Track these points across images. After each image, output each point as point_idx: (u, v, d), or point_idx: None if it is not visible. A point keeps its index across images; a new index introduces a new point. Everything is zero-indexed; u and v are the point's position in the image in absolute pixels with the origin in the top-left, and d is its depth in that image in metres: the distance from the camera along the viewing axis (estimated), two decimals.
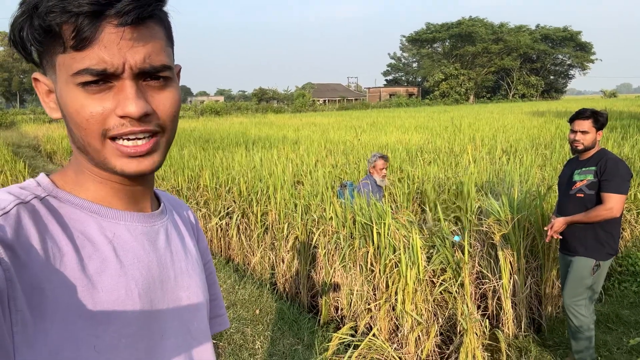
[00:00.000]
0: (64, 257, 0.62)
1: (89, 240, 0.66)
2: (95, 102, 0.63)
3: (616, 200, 2.87)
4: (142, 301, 0.68)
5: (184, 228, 0.85)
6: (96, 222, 0.68)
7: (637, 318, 3.90)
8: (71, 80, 0.62)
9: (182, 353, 0.75)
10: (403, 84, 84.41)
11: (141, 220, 0.73)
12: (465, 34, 68.86)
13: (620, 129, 10.85)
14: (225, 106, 44.14)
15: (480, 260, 3.88)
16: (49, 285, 0.59)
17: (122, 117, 0.63)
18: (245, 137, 12.00)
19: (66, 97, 0.64)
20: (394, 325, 3.55)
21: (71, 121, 0.65)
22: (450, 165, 6.72)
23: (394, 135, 11.74)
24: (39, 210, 0.63)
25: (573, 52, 74.04)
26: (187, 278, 0.78)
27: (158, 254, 0.73)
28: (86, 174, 0.70)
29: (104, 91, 0.63)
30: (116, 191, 0.71)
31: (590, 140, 3.05)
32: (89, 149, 0.66)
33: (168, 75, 0.67)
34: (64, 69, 0.63)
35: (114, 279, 0.65)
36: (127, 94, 0.63)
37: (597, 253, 3.00)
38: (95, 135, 0.64)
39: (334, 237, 4.01)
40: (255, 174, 6.04)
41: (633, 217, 5.41)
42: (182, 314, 0.76)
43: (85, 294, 0.62)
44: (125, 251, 0.69)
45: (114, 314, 0.64)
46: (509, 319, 3.71)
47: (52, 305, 0.59)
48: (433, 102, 60.79)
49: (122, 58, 0.62)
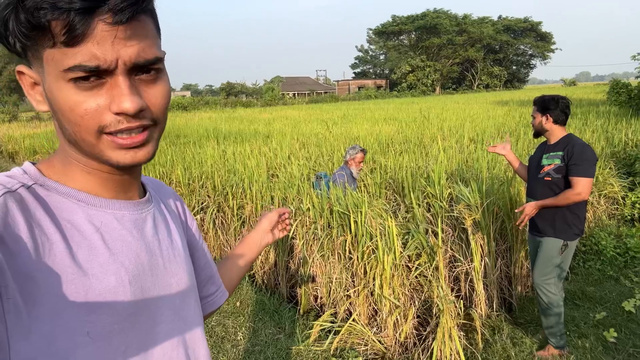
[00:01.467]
0: (53, 245, 0.61)
1: (77, 229, 0.65)
2: (88, 98, 0.62)
3: (584, 184, 3.01)
4: (132, 288, 0.68)
5: (169, 215, 0.85)
6: (83, 211, 0.68)
7: (602, 294, 4.11)
8: (62, 76, 0.61)
9: (175, 338, 0.75)
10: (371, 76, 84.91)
11: (129, 208, 0.73)
12: (430, 26, 69.77)
13: (580, 116, 11.25)
14: (193, 101, 43.44)
15: (452, 245, 4.01)
16: (40, 274, 0.59)
17: (117, 113, 0.63)
18: (216, 132, 11.89)
19: (57, 93, 0.63)
20: (373, 310, 3.64)
21: (63, 117, 0.64)
22: (420, 155, 6.85)
23: (364, 127, 11.85)
24: (26, 199, 0.63)
25: (534, 42, 76.08)
26: (175, 265, 0.78)
27: (146, 241, 0.74)
28: (74, 164, 0.70)
29: (96, 87, 0.62)
30: (104, 181, 0.71)
31: (537, 123, 3.30)
32: (82, 143, 0.66)
33: (160, 67, 0.68)
34: (53, 64, 0.61)
35: (104, 267, 0.65)
36: (121, 90, 0.63)
37: (565, 234, 3.15)
38: (90, 131, 0.64)
39: (311, 228, 4.06)
40: (229, 167, 6.02)
41: (595, 198, 5.67)
42: (173, 300, 0.76)
43: (76, 282, 0.62)
44: (114, 239, 0.69)
45: (105, 301, 0.64)
46: (482, 300, 3.85)
47: (43, 294, 0.59)
48: (401, 94, 61.43)
49: (116, 54, 0.61)
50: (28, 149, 13.11)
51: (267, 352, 3.35)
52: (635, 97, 12.43)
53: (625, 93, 13.03)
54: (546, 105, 3.22)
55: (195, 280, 0.87)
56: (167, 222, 0.83)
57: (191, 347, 0.79)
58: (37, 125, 21.56)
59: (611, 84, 14.09)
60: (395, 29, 73.80)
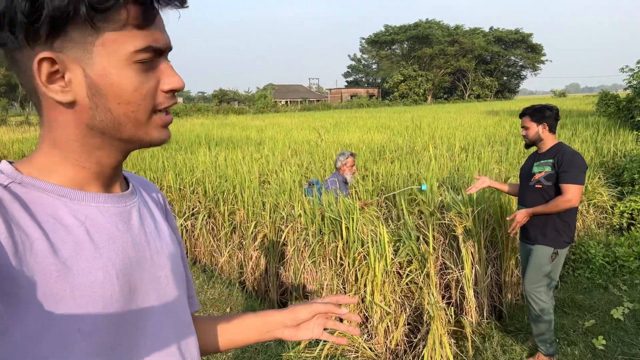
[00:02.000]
0: (33, 243, 0.60)
1: (61, 224, 0.64)
2: (148, 79, 0.67)
3: (574, 191, 3.04)
4: (120, 282, 0.67)
5: (155, 208, 0.85)
6: (66, 206, 0.66)
7: (591, 302, 4.13)
8: (129, 57, 0.64)
9: (165, 331, 0.74)
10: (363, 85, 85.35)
11: (113, 201, 0.72)
12: (423, 36, 70.37)
13: (570, 126, 11.39)
14: (185, 107, 43.33)
15: (443, 252, 4.02)
16: (21, 273, 0.58)
17: (167, 91, 0.69)
18: (208, 138, 11.86)
19: (119, 75, 0.64)
20: (364, 317, 3.63)
21: (117, 99, 0.65)
22: (412, 163, 6.89)
23: (356, 134, 11.89)
24: (2, 198, 0.61)
25: (525, 53, 76.94)
26: (163, 257, 0.77)
27: (132, 234, 0.73)
28: (68, 158, 0.68)
29: (152, 69, 0.68)
30: (95, 175, 0.70)
31: (532, 133, 3.27)
32: (130, 125, 0.68)
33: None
34: (117, 46, 0.63)
35: (90, 262, 0.64)
36: (172, 71, 0.70)
37: (556, 241, 3.17)
38: (147, 110, 0.68)
39: (302, 234, 4.05)
40: (220, 173, 6.01)
41: (584, 208, 5.72)
42: (162, 293, 0.75)
43: (61, 279, 0.61)
44: (99, 233, 0.67)
45: (93, 297, 0.63)
46: (472, 307, 3.86)
47: (26, 294, 0.58)
48: (393, 103, 61.80)
49: (167, 39, 0.69)
50: (17, 153, 12.97)
51: (257, 359, 3.32)
52: (624, 109, 12.60)
53: (614, 104, 13.21)
54: (543, 114, 3.24)
55: (183, 272, 0.86)
56: (153, 214, 0.82)
57: (182, 339, 0.79)
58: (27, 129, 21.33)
59: (600, 95, 14.28)
60: (388, 39, 74.37)
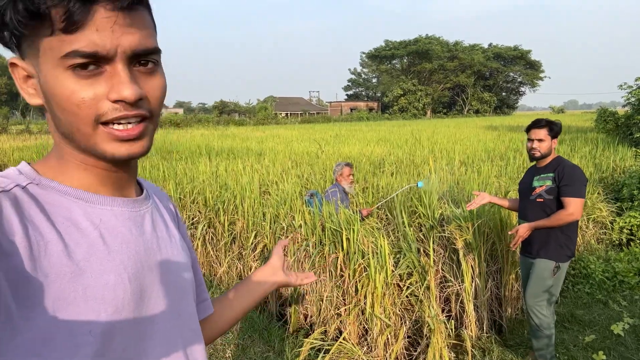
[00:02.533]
0: (48, 245, 0.60)
1: (75, 226, 0.64)
2: (86, 87, 0.62)
3: (576, 204, 3.05)
4: (132, 285, 0.67)
5: (167, 214, 0.85)
6: (81, 208, 0.67)
7: (591, 317, 4.12)
8: (60, 64, 0.61)
9: (173, 336, 0.75)
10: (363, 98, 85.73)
11: (127, 205, 0.73)
12: (422, 52, 70.89)
13: (569, 142, 11.43)
14: (186, 118, 43.47)
15: (443, 265, 4.02)
16: (35, 274, 0.58)
17: (115, 101, 0.63)
18: (208, 148, 11.88)
19: (54, 82, 0.62)
20: (364, 329, 3.61)
21: (57, 107, 0.63)
22: (412, 175, 6.89)
23: (356, 147, 11.92)
24: (20, 199, 0.62)
25: (523, 70, 77.54)
26: (173, 263, 0.78)
27: (145, 238, 0.73)
28: (70, 161, 0.69)
29: (95, 76, 0.62)
30: (101, 178, 0.70)
31: (546, 147, 3.24)
32: (77, 135, 0.65)
33: (157, 60, 0.68)
34: (51, 52, 0.61)
35: (103, 264, 0.64)
36: (121, 78, 0.62)
37: (558, 255, 3.17)
38: (86, 120, 0.63)
39: (303, 245, 4.05)
40: (220, 183, 6.01)
41: (584, 223, 5.72)
42: (172, 298, 0.75)
43: (74, 281, 0.61)
44: (113, 236, 0.68)
45: (105, 299, 0.63)
46: (472, 321, 3.84)
47: (39, 294, 0.58)
48: (392, 117, 62.06)
49: (116, 41, 0.61)
50: (17, 161, 12.97)
51: None
52: (623, 126, 12.67)
53: (613, 121, 13.29)
54: (558, 130, 3.23)
55: (193, 278, 0.86)
56: (165, 221, 0.82)
57: (189, 346, 0.79)
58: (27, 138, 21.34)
59: (599, 112, 14.37)
60: (388, 53, 74.91)
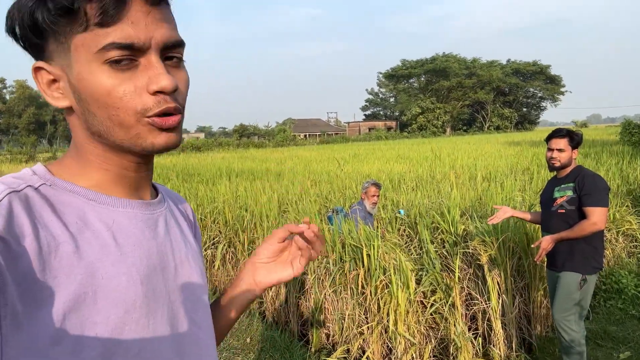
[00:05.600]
0: (59, 246, 0.60)
1: (88, 227, 0.64)
2: (125, 80, 0.63)
3: (599, 213, 2.96)
4: (144, 288, 0.66)
5: (182, 219, 0.85)
6: (94, 209, 0.66)
7: (625, 334, 3.95)
8: (95, 59, 0.61)
9: (186, 340, 0.73)
10: (381, 118, 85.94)
11: (141, 208, 0.72)
12: (440, 69, 71.00)
13: (594, 155, 11.20)
14: (207, 142, 44.15)
15: (468, 282, 3.92)
16: (44, 275, 0.57)
17: (155, 93, 0.63)
18: (229, 170, 12.00)
19: (90, 78, 0.62)
20: (387, 348, 3.52)
21: (96, 103, 0.63)
22: (433, 192, 6.81)
23: (375, 165, 11.89)
24: (32, 199, 0.61)
25: (543, 84, 76.88)
26: (187, 267, 0.77)
27: (158, 241, 0.72)
28: (90, 161, 0.69)
29: (131, 69, 0.63)
30: (119, 178, 0.70)
31: (566, 157, 3.17)
32: (117, 129, 0.65)
33: (181, 55, 0.69)
34: (84, 49, 0.61)
35: (115, 266, 0.64)
36: (158, 69, 0.63)
37: (583, 267, 3.07)
38: (130, 112, 0.63)
39: (323, 262, 4.00)
40: (240, 204, 6.03)
41: (613, 236, 5.54)
42: (184, 303, 0.74)
43: (85, 282, 0.60)
44: (125, 238, 0.67)
45: (116, 301, 0.62)
46: (500, 340, 3.71)
47: (48, 295, 0.57)
48: (411, 135, 61.95)
49: (150, 34, 0.63)
50: None
51: None
52: None
53: (638, 133, 13.01)
54: (579, 140, 3.18)
55: (206, 283, 0.84)
56: (180, 225, 0.82)
57: (203, 349, 0.77)
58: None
59: (623, 124, 14.12)
60: (405, 73, 75.24)
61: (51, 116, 72.19)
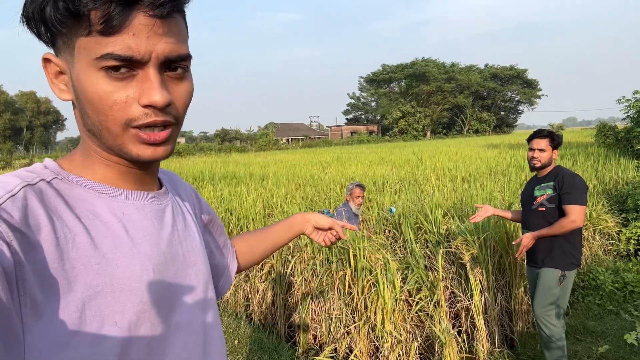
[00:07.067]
0: (75, 237, 0.62)
1: (100, 220, 0.66)
2: (118, 89, 0.63)
3: (578, 211, 3.07)
4: (156, 277, 0.68)
5: (185, 206, 0.87)
6: (105, 202, 0.68)
7: (603, 328, 4.07)
8: (94, 64, 0.62)
9: (193, 326, 0.76)
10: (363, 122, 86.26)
11: (148, 199, 0.74)
12: (420, 74, 71.66)
13: (570, 157, 11.47)
14: (188, 147, 43.73)
15: (451, 280, 4.00)
16: (62, 265, 0.59)
17: (145, 106, 0.64)
18: (212, 175, 11.95)
19: (87, 81, 0.63)
20: (374, 346, 3.58)
21: (89, 105, 0.65)
22: (415, 193, 6.92)
23: (359, 168, 11.98)
24: (46, 192, 0.63)
25: (521, 88, 78.19)
26: (193, 255, 0.79)
27: (166, 231, 0.74)
28: (94, 157, 0.70)
29: (126, 79, 0.63)
30: (123, 173, 0.72)
31: (546, 157, 3.27)
32: (105, 133, 0.66)
33: (187, 65, 0.70)
34: (86, 52, 0.62)
35: (128, 257, 0.66)
36: (152, 83, 0.64)
37: (563, 263, 3.17)
38: (117, 122, 0.64)
39: (310, 264, 4.04)
40: (225, 207, 6.03)
41: (590, 234, 5.71)
42: (193, 290, 0.77)
43: (102, 272, 0.62)
44: (136, 229, 0.69)
45: (132, 290, 0.65)
46: (483, 336, 3.80)
47: (67, 284, 0.59)
48: (393, 139, 62.41)
49: (150, 47, 0.63)
50: None
51: None
52: (623, 139, 12.74)
53: (612, 135, 13.39)
54: (559, 141, 3.28)
55: (210, 269, 0.88)
56: (184, 214, 0.84)
57: (208, 335, 0.80)
58: None
59: (598, 127, 14.49)
60: (386, 77, 75.73)
61: (27, 122, 70.66)
